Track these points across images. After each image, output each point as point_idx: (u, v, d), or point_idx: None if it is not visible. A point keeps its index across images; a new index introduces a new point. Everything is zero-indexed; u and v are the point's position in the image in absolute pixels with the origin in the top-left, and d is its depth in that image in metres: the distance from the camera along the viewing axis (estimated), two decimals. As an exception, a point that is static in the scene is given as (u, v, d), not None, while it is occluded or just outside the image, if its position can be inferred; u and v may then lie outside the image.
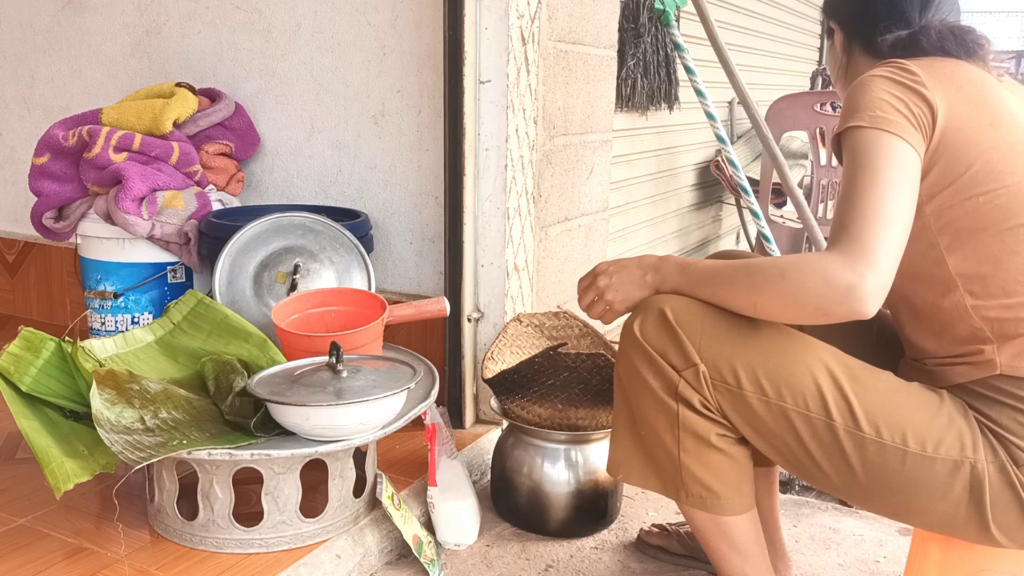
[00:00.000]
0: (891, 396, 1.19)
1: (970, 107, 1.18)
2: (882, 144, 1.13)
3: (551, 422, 1.70)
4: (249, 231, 1.88)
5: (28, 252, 2.77)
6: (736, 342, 1.22)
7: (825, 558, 1.71)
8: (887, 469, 1.17)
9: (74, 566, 1.41)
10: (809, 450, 1.21)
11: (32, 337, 1.51)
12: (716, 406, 1.24)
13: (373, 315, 1.71)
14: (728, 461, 1.27)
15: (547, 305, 2.18)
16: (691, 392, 1.23)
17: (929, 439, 1.16)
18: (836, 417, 1.18)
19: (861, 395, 1.18)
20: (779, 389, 1.20)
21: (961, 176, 1.16)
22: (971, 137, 1.16)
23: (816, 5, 5.59)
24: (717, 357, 1.22)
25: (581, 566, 1.65)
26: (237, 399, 1.49)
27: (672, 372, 1.24)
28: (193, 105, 2.19)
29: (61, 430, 1.46)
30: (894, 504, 1.21)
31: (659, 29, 3.05)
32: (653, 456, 1.31)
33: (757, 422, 1.22)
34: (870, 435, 1.17)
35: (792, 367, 1.20)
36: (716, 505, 1.28)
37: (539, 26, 2.00)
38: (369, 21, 2.11)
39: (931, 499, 1.17)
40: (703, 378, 1.22)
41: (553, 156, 2.14)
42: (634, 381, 1.29)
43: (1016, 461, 1.15)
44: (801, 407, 1.19)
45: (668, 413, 1.26)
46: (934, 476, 1.16)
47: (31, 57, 2.68)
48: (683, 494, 1.29)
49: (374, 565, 1.57)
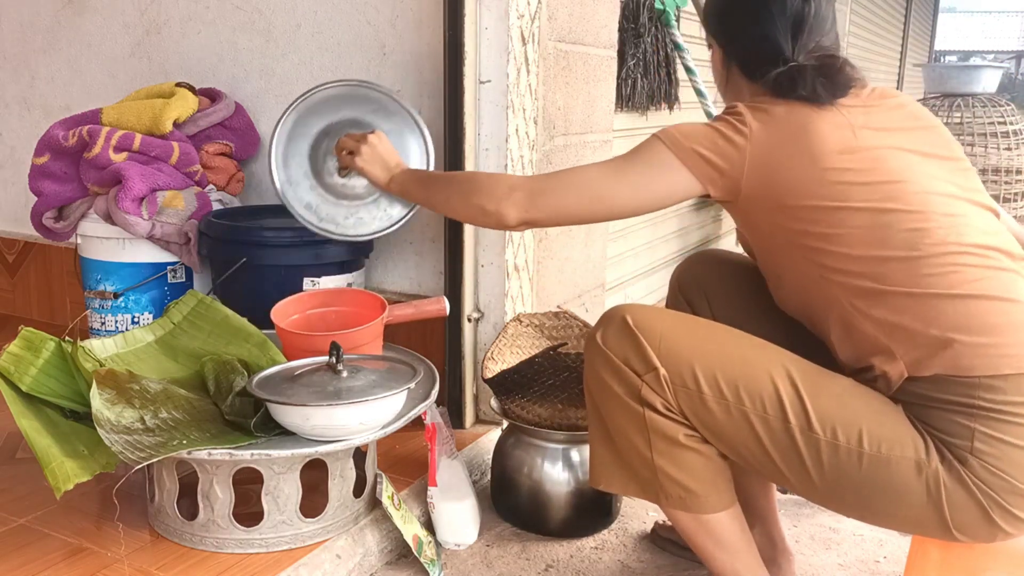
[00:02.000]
0: (846, 399, 1.21)
1: (793, 159, 1.24)
2: (657, 159, 1.31)
3: (551, 422, 1.70)
4: (321, 92, 1.88)
5: (28, 252, 2.77)
6: (695, 346, 1.25)
7: (825, 558, 1.71)
8: (844, 471, 1.19)
9: (74, 566, 1.41)
10: (768, 453, 1.23)
11: (32, 337, 1.51)
12: (677, 409, 1.26)
13: (373, 315, 1.71)
14: (701, 459, 1.29)
15: (547, 305, 2.18)
16: (653, 395, 1.26)
17: (884, 441, 1.17)
18: (792, 420, 1.20)
19: (816, 398, 1.20)
20: (738, 392, 1.22)
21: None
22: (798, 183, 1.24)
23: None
24: (677, 361, 1.24)
25: (581, 566, 1.65)
26: (237, 399, 1.49)
27: (634, 377, 1.26)
28: (193, 105, 2.19)
29: (61, 430, 1.46)
30: (854, 506, 1.23)
31: (659, 29, 3.05)
32: (629, 462, 1.32)
33: (717, 425, 1.24)
34: (825, 438, 1.19)
35: (751, 371, 1.23)
36: (696, 504, 1.29)
37: (539, 26, 2.00)
38: (369, 21, 2.11)
39: (889, 501, 1.19)
40: (664, 381, 1.25)
41: (553, 156, 2.14)
42: (601, 390, 1.31)
43: (961, 460, 1.16)
44: (759, 410, 1.21)
45: (636, 418, 1.28)
46: (892, 478, 1.17)
47: (31, 57, 2.68)
48: (663, 496, 1.30)
49: (374, 565, 1.57)
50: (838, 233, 1.22)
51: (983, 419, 1.15)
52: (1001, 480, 1.14)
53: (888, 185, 1.22)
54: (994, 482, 1.15)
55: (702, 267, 1.58)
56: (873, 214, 1.20)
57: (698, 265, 1.58)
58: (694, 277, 1.57)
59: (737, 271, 1.54)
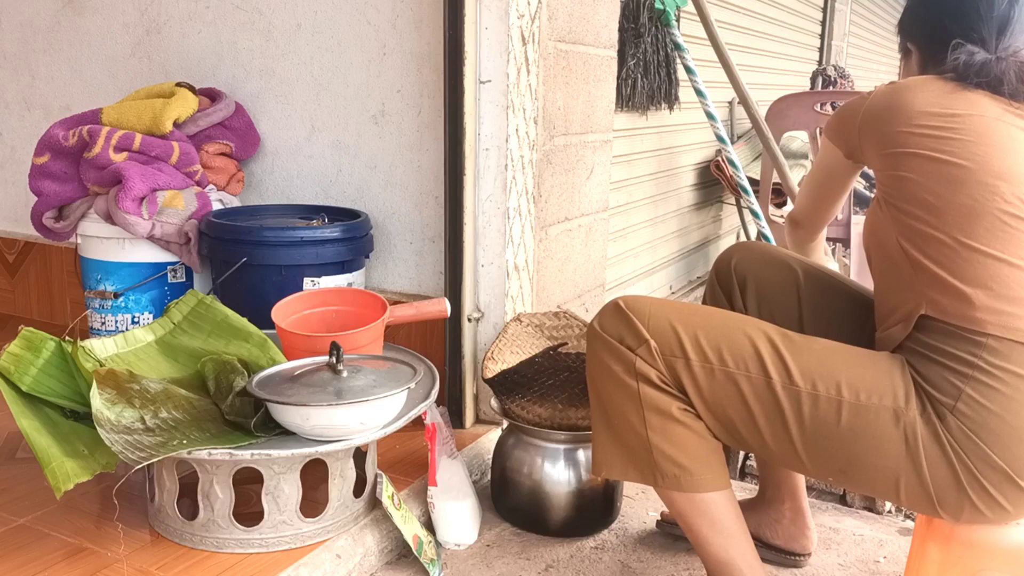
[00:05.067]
0: (826, 354, 1.28)
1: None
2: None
3: (551, 422, 1.70)
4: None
5: (28, 252, 2.77)
6: (680, 318, 1.33)
7: (825, 558, 1.71)
8: (825, 423, 1.24)
9: (74, 566, 1.41)
10: (753, 414, 1.28)
11: (32, 337, 1.51)
12: (671, 379, 1.32)
13: (374, 315, 1.71)
14: (694, 436, 1.33)
15: (547, 305, 2.18)
16: (647, 367, 1.32)
17: (863, 389, 1.23)
18: (773, 375, 1.26)
19: (796, 355, 1.27)
20: (721, 354, 1.29)
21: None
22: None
23: (817, 5, 5.60)
24: (665, 332, 1.32)
25: (581, 566, 1.65)
26: (237, 399, 1.49)
27: (627, 352, 1.34)
28: (193, 105, 2.19)
29: (61, 430, 1.46)
30: (838, 460, 1.26)
31: (659, 29, 3.05)
32: (627, 444, 1.37)
33: (703, 390, 1.30)
34: (806, 389, 1.25)
35: (731, 334, 1.31)
36: (689, 482, 1.33)
37: (539, 26, 2.01)
38: (369, 21, 2.11)
39: (871, 450, 1.22)
40: (655, 352, 1.32)
41: (553, 156, 2.14)
42: (599, 372, 1.38)
43: (940, 416, 1.20)
44: (742, 369, 1.28)
45: (631, 394, 1.33)
46: (871, 425, 1.22)
47: (31, 57, 2.68)
48: (658, 476, 1.34)
49: (374, 565, 1.57)
50: (912, 178, 1.26)
51: (975, 382, 1.19)
52: (974, 445, 1.18)
53: (994, 158, 1.23)
54: (968, 445, 1.19)
55: (740, 255, 1.61)
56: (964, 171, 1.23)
57: (739, 253, 1.61)
58: (734, 266, 1.60)
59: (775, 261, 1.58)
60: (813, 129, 3.61)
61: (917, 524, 1.35)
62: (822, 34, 5.83)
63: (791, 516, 1.65)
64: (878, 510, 1.90)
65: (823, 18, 5.80)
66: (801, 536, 1.65)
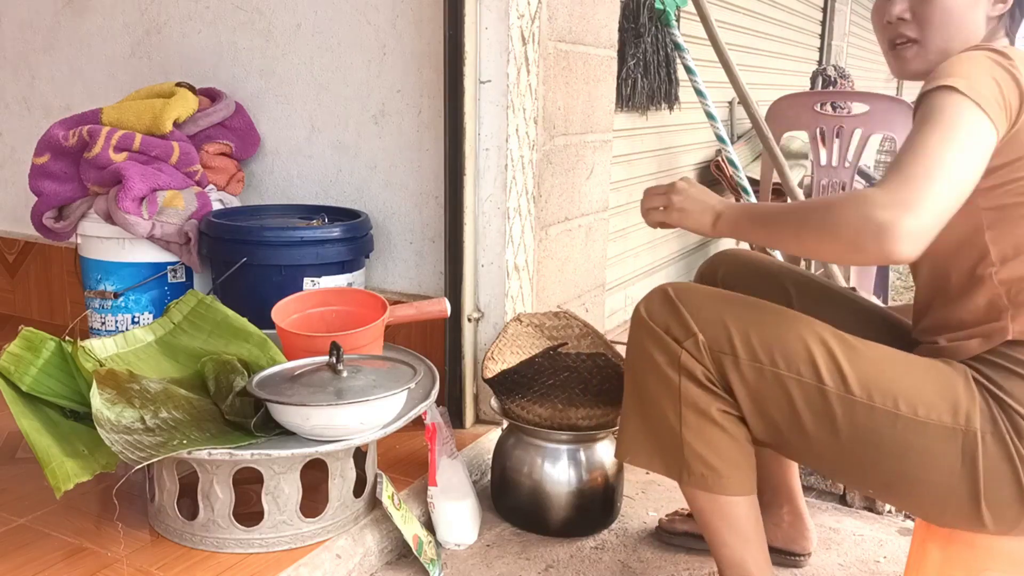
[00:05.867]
0: (883, 363, 1.21)
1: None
2: (969, 114, 1.10)
3: (551, 422, 1.70)
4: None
5: (28, 252, 2.77)
6: (731, 312, 1.27)
7: (825, 558, 1.71)
8: (878, 434, 1.19)
9: (74, 566, 1.41)
10: (801, 419, 1.23)
11: (32, 337, 1.51)
12: (717, 375, 1.27)
13: (374, 315, 1.71)
14: (728, 439, 1.29)
15: (547, 305, 2.18)
16: (693, 363, 1.27)
17: (921, 404, 1.17)
18: (828, 381, 1.20)
19: (853, 361, 1.21)
20: (772, 355, 1.23)
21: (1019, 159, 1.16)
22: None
23: (816, 5, 5.59)
24: (715, 327, 1.26)
25: (581, 566, 1.65)
26: (237, 399, 1.49)
27: (674, 344, 1.29)
28: (193, 105, 2.19)
29: (61, 430, 1.46)
30: (884, 473, 1.21)
31: (659, 29, 3.05)
32: (657, 435, 1.33)
33: (751, 390, 1.25)
34: (861, 399, 1.19)
35: (785, 334, 1.24)
36: (716, 483, 1.30)
37: (539, 26, 2.00)
38: (369, 21, 2.11)
39: (922, 466, 1.18)
40: (702, 347, 1.27)
41: (553, 156, 2.14)
42: (641, 359, 1.33)
43: (1018, 432, 1.15)
44: (793, 372, 1.22)
45: (671, 387, 1.29)
46: (926, 441, 1.17)
47: (31, 57, 2.68)
48: (685, 473, 1.31)
49: (374, 565, 1.57)
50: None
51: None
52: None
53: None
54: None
55: (727, 267, 1.57)
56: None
57: (725, 265, 1.57)
58: (721, 278, 1.56)
59: (766, 275, 1.53)
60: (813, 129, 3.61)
61: (917, 524, 1.35)
62: (822, 34, 5.83)
63: (790, 520, 1.65)
64: (878, 510, 1.90)
65: (823, 18, 5.80)
66: (800, 537, 1.65)
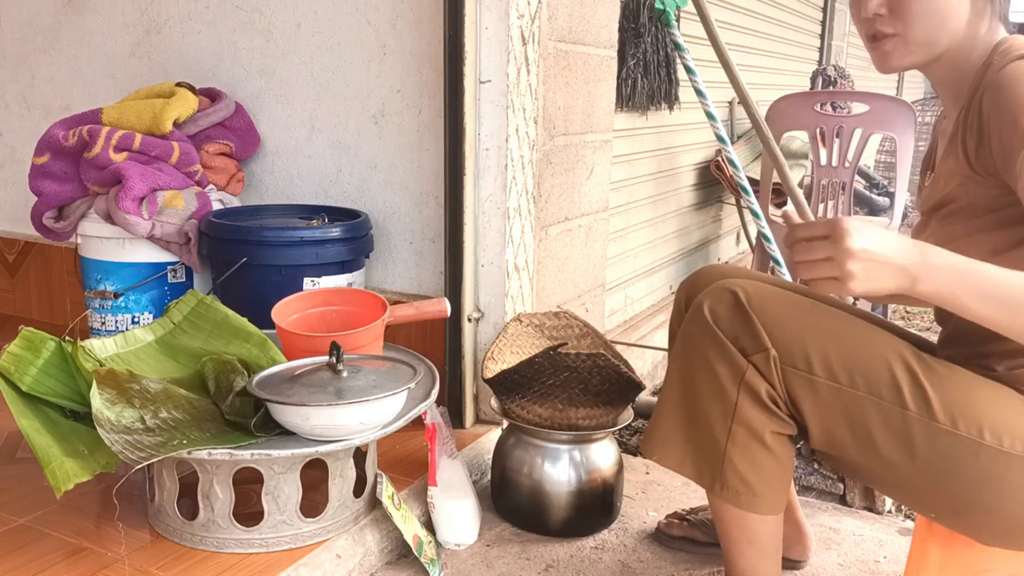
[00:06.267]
0: (968, 389, 1.15)
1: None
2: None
3: (551, 422, 1.70)
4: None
5: (28, 252, 2.77)
6: (809, 327, 1.19)
7: (825, 558, 1.71)
8: (958, 461, 1.13)
9: (74, 566, 1.41)
10: (875, 441, 1.17)
11: (32, 337, 1.51)
12: (783, 394, 1.20)
13: (374, 315, 1.71)
14: (774, 461, 1.24)
15: (547, 305, 2.18)
16: (758, 379, 1.20)
17: (1006, 433, 1.11)
18: (911, 406, 1.14)
19: (936, 384, 1.14)
20: (852, 375, 1.16)
21: None
22: None
23: (817, 5, 5.59)
24: (789, 341, 1.18)
25: (581, 566, 1.65)
26: (237, 399, 1.49)
27: (741, 358, 1.21)
28: (193, 105, 2.19)
29: (61, 430, 1.46)
30: (958, 501, 1.16)
31: (659, 29, 3.05)
32: (697, 442, 1.27)
33: (823, 408, 1.19)
34: (945, 425, 1.13)
35: (866, 354, 1.17)
36: (750, 502, 1.25)
37: (539, 26, 2.00)
38: (369, 21, 2.11)
39: (1002, 497, 1.12)
40: (773, 363, 1.19)
41: (553, 156, 2.14)
42: (697, 365, 1.25)
43: None
44: (874, 395, 1.15)
45: (726, 402, 1.23)
46: (1009, 473, 1.11)
47: (31, 57, 2.68)
48: (718, 486, 1.26)
49: (374, 565, 1.57)
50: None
51: None
52: None
53: None
54: None
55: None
56: None
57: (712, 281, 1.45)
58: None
59: None
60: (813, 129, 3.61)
61: (917, 524, 1.35)
62: (822, 34, 5.82)
63: (788, 530, 1.58)
64: (878, 510, 1.90)
65: (823, 18, 5.80)
66: (798, 544, 1.64)
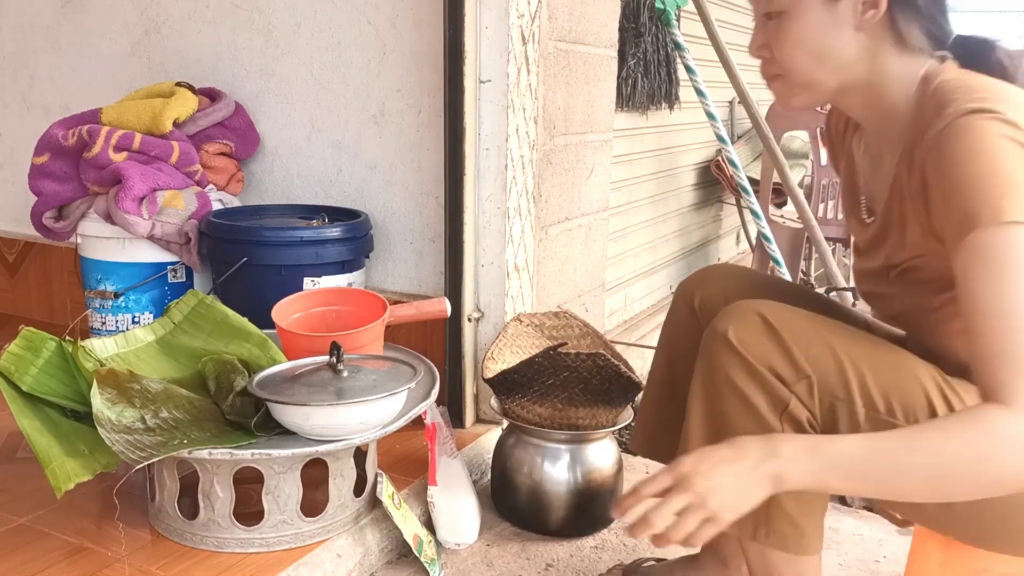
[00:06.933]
0: None
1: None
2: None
3: (551, 422, 1.70)
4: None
5: (28, 252, 2.77)
6: (842, 346, 1.08)
7: (825, 558, 1.69)
8: None
9: (74, 565, 1.41)
10: None
11: (33, 337, 1.51)
12: (824, 423, 1.09)
13: (374, 315, 1.71)
14: (819, 495, 1.13)
15: (547, 305, 2.18)
16: (800, 409, 1.08)
17: None
18: None
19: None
20: (890, 404, 1.06)
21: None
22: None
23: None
24: (826, 363, 1.07)
25: (581, 565, 1.65)
26: (238, 399, 1.49)
27: (783, 388, 1.08)
28: (193, 104, 2.19)
29: (62, 430, 1.46)
30: (987, 527, 1.11)
31: (660, 28, 3.05)
32: None
33: None
34: None
35: (902, 380, 1.07)
36: (798, 544, 1.12)
37: (539, 25, 2.01)
38: (369, 20, 2.11)
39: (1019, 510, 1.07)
40: (814, 391, 1.07)
41: (553, 156, 2.14)
42: (731, 397, 1.11)
43: None
44: (911, 423, 1.06)
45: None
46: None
47: (31, 57, 2.68)
48: (762, 531, 1.12)
49: (374, 564, 1.57)
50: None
51: None
52: None
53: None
54: None
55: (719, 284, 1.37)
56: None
57: (715, 281, 1.38)
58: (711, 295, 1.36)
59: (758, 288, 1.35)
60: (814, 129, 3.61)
61: (917, 524, 1.35)
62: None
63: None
64: (878, 510, 1.90)
65: None
66: None
